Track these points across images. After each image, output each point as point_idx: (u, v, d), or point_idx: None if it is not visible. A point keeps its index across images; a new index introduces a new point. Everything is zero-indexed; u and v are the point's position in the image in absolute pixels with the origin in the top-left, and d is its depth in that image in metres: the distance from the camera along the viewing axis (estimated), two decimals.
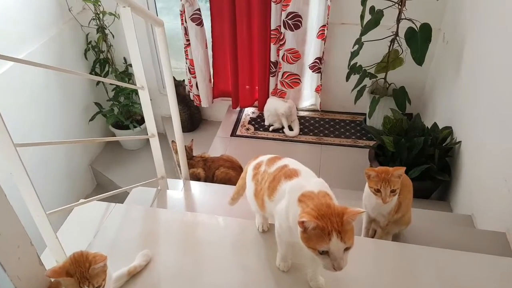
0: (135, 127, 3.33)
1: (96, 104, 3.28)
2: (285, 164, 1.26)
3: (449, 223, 1.99)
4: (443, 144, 2.28)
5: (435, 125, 2.41)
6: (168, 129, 3.44)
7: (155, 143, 1.90)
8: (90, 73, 3.24)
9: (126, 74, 3.36)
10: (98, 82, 3.32)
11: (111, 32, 3.14)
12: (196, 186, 2.16)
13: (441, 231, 1.79)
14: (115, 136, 3.49)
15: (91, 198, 1.46)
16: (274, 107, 3.13)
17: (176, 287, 1.31)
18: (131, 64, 3.37)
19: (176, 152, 2.22)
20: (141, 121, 3.46)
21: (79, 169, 3.26)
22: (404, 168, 1.44)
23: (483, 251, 1.48)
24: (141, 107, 3.27)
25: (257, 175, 1.33)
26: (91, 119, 3.23)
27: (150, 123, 1.84)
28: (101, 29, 3.07)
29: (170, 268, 1.37)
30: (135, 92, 3.36)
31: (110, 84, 3.28)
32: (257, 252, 1.42)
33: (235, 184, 2.34)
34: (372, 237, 1.67)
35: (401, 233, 1.71)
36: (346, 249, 0.97)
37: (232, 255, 1.41)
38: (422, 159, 2.23)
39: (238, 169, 2.39)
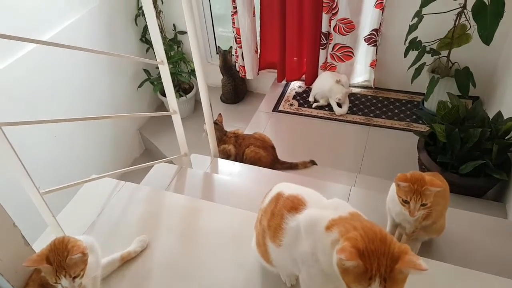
0: (181, 96, 3.31)
1: (145, 71, 3.29)
2: (278, 192, 1.03)
3: (499, 232, 1.72)
4: (505, 138, 1.96)
5: (499, 114, 2.07)
6: (213, 100, 3.37)
7: (177, 120, 1.84)
8: (141, 39, 3.25)
9: (175, 42, 3.33)
10: (148, 48, 3.31)
11: None
12: (223, 166, 2.09)
13: (487, 243, 1.55)
14: (163, 104, 3.52)
15: (97, 176, 1.44)
16: (328, 87, 2.84)
17: (167, 279, 1.27)
18: (181, 31, 3.36)
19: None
20: (189, 90, 3.43)
21: (128, 134, 3.34)
22: (441, 185, 1.22)
23: None
24: (188, 76, 3.30)
25: (256, 222, 1.14)
26: (139, 86, 3.26)
27: (171, 99, 1.78)
28: None
29: (165, 257, 1.33)
30: (183, 60, 3.32)
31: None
32: None
33: (264, 166, 2.25)
34: None
35: (433, 241, 1.51)
36: None
37: (230, 251, 1.33)
38: (477, 153, 1.95)
39: (270, 149, 2.27)
